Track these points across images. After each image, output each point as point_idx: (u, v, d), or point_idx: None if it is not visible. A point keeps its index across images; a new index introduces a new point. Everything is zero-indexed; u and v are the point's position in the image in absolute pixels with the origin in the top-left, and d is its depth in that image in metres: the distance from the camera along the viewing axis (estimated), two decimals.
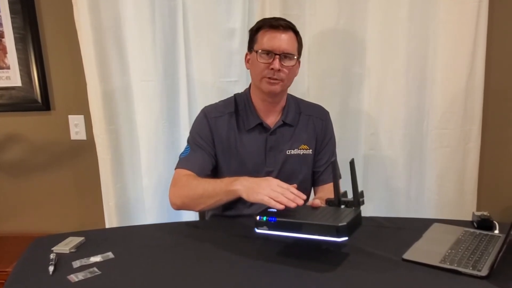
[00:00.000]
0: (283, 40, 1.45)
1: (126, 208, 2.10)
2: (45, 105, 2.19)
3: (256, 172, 1.50)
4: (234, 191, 1.27)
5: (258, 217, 1.16)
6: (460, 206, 1.99)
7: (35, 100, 2.19)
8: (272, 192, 1.17)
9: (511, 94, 1.99)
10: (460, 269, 1.09)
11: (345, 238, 1.07)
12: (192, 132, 1.57)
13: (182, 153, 1.54)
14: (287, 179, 1.53)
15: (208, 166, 1.50)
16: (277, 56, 1.44)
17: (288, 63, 1.46)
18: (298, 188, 1.55)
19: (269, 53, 1.44)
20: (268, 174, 1.48)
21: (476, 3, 1.84)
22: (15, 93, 2.19)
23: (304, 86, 1.97)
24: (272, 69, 1.44)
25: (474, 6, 1.84)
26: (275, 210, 1.18)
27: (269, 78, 1.46)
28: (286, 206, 1.15)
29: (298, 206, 1.16)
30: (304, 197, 1.18)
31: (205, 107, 1.59)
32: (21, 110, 2.21)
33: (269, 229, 1.15)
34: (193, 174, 1.44)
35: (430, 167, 2.00)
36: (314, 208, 1.23)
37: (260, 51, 1.45)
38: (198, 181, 1.40)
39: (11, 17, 2.10)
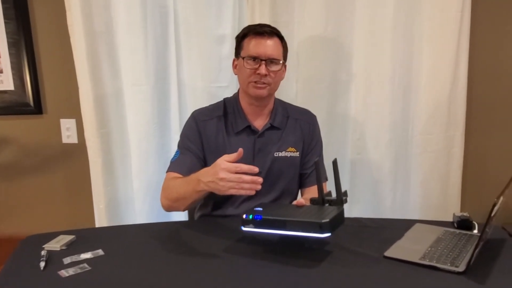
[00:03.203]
0: (268, 46, 1.50)
1: (116, 211, 2.12)
2: (37, 109, 2.21)
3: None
4: (203, 191, 1.31)
5: (244, 216, 1.20)
6: (444, 209, 2.03)
7: (27, 104, 2.21)
8: (230, 183, 1.19)
9: (493, 101, 2.05)
10: (438, 265, 1.13)
11: (328, 234, 1.11)
12: (181, 135, 1.61)
13: (172, 157, 1.58)
14: (275, 181, 1.58)
15: (197, 168, 1.53)
16: (263, 62, 1.48)
17: (274, 68, 1.50)
18: (286, 190, 1.60)
19: (255, 59, 1.49)
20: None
21: (459, 12, 1.90)
22: (7, 97, 2.21)
23: (293, 91, 2.02)
24: (258, 74, 1.48)
25: (457, 15, 1.90)
26: (261, 209, 1.22)
27: (255, 82, 1.50)
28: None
29: (283, 205, 1.20)
30: (259, 180, 1.19)
31: (195, 110, 1.63)
32: (13, 113, 2.23)
33: (255, 227, 1.18)
34: (180, 177, 1.47)
35: (415, 171, 2.05)
36: (299, 206, 1.26)
37: (246, 57, 1.50)
38: (174, 183, 1.44)
39: (5, 22, 2.13)
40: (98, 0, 1.95)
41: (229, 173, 1.19)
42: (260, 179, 1.19)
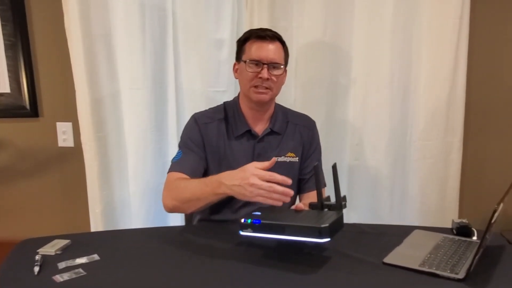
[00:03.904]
0: (270, 50, 1.49)
1: (112, 215, 2.10)
2: (33, 111, 2.20)
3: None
4: (223, 194, 1.28)
5: (243, 220, 1.18)
6: (442, 216, 2.03)
7: (23, 107, 2.19)
8: (260, 191, 1.17)
9: (491, 107, 2.06)
10: (438, 272, 1.12)
11: (327, 239, 1.10)
12: (183, 136, 1.60)
13: (174, 157, 1.56)
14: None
15: (200, 169, 1.52)
16: (265, 66, 1.48)
17: (276, 72, 1.50)
18: None
19: (257, 62, 1.49)
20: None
21: (458, 19, 1.91)
22: (3, 99, 2.19)
23: (291, 96, 2.01)
24: (260, 78, 1.48)
25: (456, 21, 1.91)
26: (259, 213, 1.21)
27: (255, 87, 1.50)
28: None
29: (282, 209, 1.19)
30: (291, 193, 1.18)
31: (195, 113, 1.61)
32: (9, 116, 2.21)
33: (254, 231, 1.17)
34: (185, 177, 1.45)
35: (413, 177, 2.05)
36: (298, 211, 1.25)
37: (248, 61, 1.50)
38: (186, 183, 1.41)
39: (2, 24, 2.11)
40: (96, 3, 1.94)
41: (261, 181, 1.17)
42: (292, 192, 1.18)
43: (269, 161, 1.22)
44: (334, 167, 1.22)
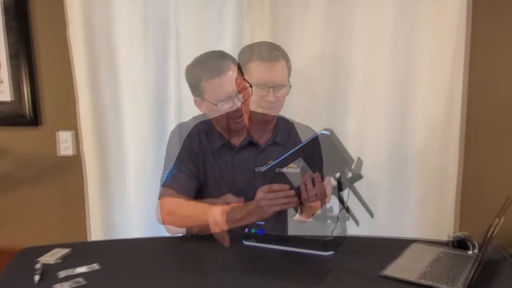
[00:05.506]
0: (275, 72, 1.49)
1: (111, 224, 2.10)
2: (34, 120, 2.20)
3: (246, 189, 1.53)
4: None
5: (246, 230, 1.19)
6: (441, 229, 2.02)
7: (24, 115, 2.20)
8: (270, 201, 1.22)
9: (490, 121, 2.07)
10: (437, 285, 1.12)
11: (331, 252, 1.10)
12: (181, 150, 1.60)
13: (170, 171, 1.56)
14: None
15: (193, 187, 1.53)
16: (271, 89, 1.47)
17: (281, 93, 1.50)
18: None
19: (262, 86, 1.48)
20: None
21: (457, 33, 1.93)
22: (4, 107, 2.19)
23: (291, 109, 2.01)
24: (266, 100, 1.48)
25: (455, 35, 1.93)
26: (263, 223, 1.21)
27: (263, 108, 1.50)
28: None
29: (285, 220, 1.20)
30: (292, 192, 1.24)
31: (195, 125, 1.62)
32: (10, 124, 2.20)
33: (257, 242, 1.17)
34: (181, 199, 1.46)
35: (412, 190, 2.05)
36: (301, 222, 1.26)
37: (253, 84, 1.48)
38: (185, 209, 1.43)
39: (6, 33, 2.13)
40: (100, 13, 1.96)
41: (266, 193, 1.23)
42: (292, 192, 1.24)
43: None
44: (339, 180, 1.22)
